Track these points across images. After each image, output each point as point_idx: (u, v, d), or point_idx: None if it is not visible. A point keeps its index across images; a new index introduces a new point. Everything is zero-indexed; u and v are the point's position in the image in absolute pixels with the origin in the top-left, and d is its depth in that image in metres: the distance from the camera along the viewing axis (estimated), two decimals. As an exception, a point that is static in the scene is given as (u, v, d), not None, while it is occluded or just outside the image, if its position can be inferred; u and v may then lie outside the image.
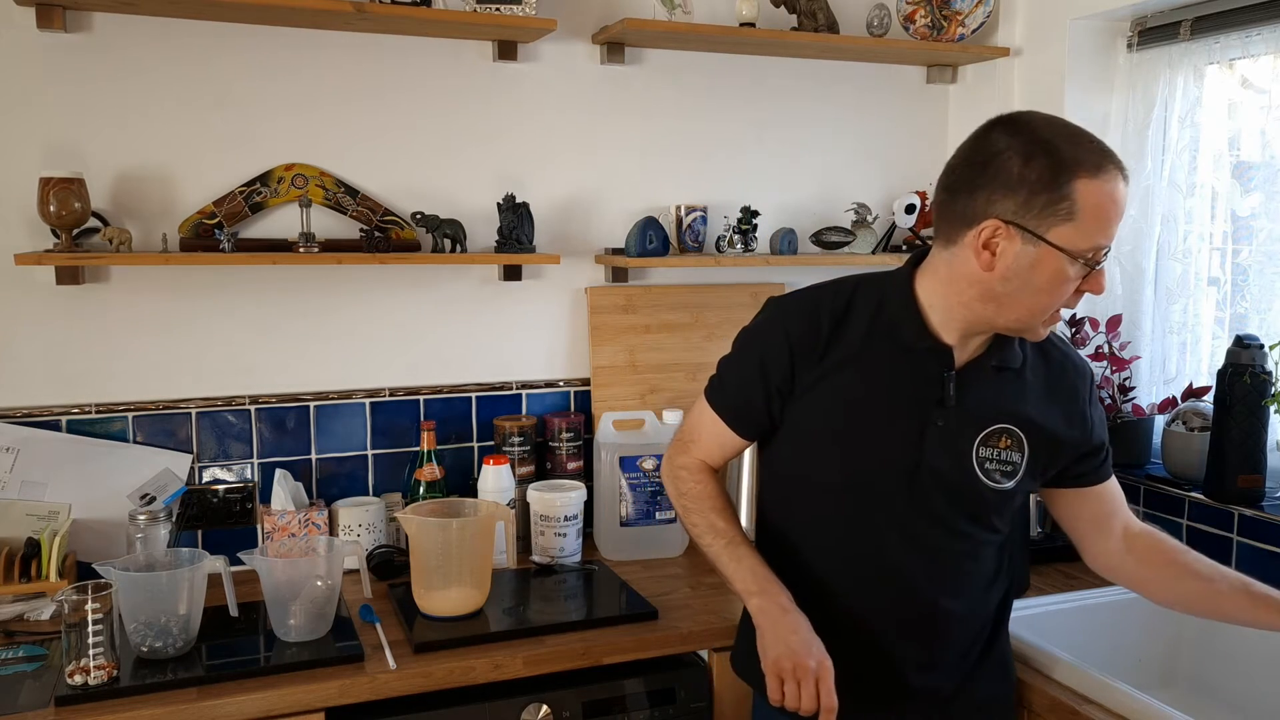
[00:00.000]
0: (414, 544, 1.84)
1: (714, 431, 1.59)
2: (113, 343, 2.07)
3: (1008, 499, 1.52)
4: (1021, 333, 1.44)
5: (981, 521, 1.52)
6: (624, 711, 1.76)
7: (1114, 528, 1.61)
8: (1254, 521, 1.97)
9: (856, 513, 1.48)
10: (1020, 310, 1.37)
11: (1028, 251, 1.31)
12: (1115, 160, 1.33)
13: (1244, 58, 2.17)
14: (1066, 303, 1.36)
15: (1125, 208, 1.34)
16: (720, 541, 1.53)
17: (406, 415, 2.28)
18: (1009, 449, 1.49)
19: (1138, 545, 1.60)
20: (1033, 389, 1.51)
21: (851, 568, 1.50)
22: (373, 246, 2.11)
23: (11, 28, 1.94)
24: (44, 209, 1.87)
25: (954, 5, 2.48)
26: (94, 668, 1.54)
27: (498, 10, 2.10)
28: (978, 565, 1.54)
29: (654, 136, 2.42)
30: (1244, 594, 1.52)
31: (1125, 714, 1.52)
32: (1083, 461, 1.56)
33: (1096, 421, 1.56)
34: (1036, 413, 1.50)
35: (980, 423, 1.47)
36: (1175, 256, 2.31)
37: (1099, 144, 1.33)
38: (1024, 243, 1.31)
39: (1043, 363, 1.53)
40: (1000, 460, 1.48)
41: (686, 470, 1.61)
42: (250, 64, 2.11)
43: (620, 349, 2.40)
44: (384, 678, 1.63)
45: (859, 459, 1.47)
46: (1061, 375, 1.54)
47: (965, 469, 1.47)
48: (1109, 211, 1.31)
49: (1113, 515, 1.61)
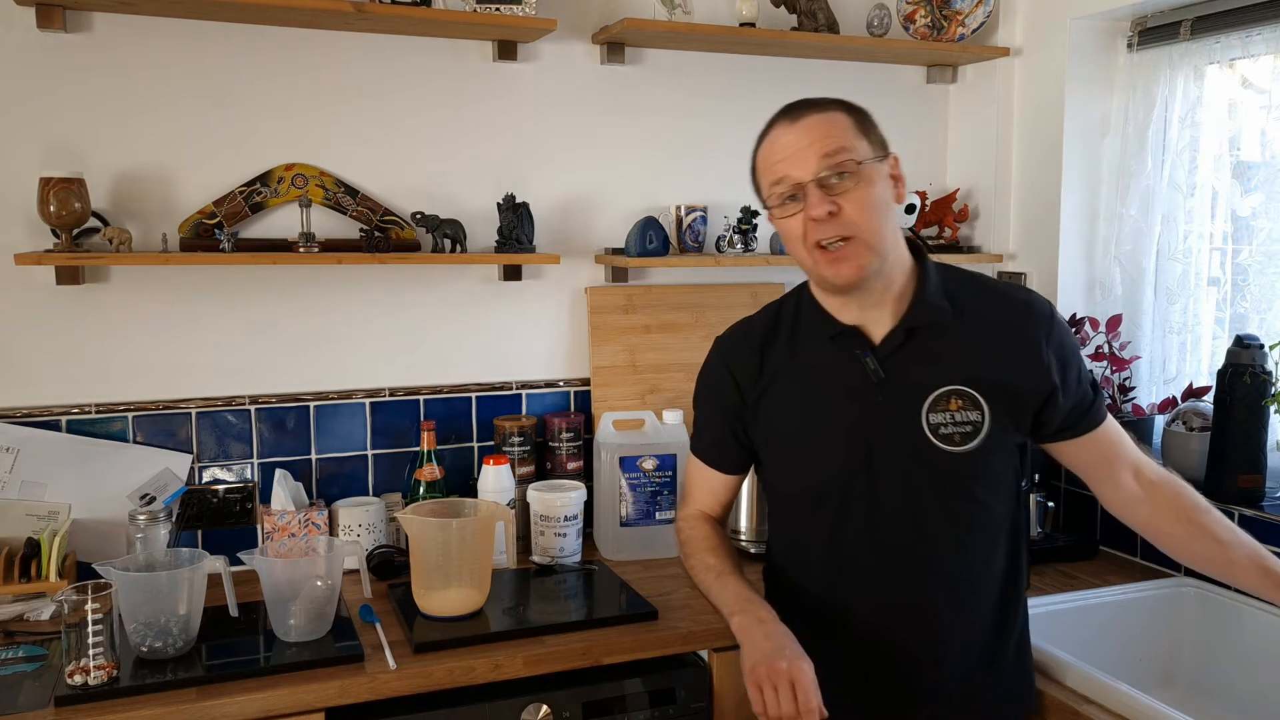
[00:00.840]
0: (414, 544, 1.84)
1: (702, 479, 1.68)
2: (113, 343, 2.07)
3: (977, 462, 1.46)
4: (821, 283, 1.49)
5: (959, 494, 1.47)
6: (624, 711, 1.76)
7: (1121, 475, 1.56)
8: (1254, 521, 1.97)
9: (830, 512, 1.51)
10: (799, 263, 1.49)
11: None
12: (786, 109, 1.47)
13: (1244, 58, 2.17)
14: (811, 233, 1.42)
15: (797, 137, 1.43)
16: (710, 575, 1.58)
17: (406, 415, 2.28)
18: (963, 409, 1.45)
19: (1155, 495, 1.55)
20: (981, 342, 1.47)
21: (840, 568, 1.52)
22: (373, 246, 2.11)
23: (11, 28, 1.94)
24: (44, 209, 1.87)
25: (954, 5, 2.48)
26: (94, 668, 1.54)
27: (498, 10, 2.10)
28: (965, 547, 1.49)
29: (654, 136, 2.42)
30: (1258, 567, 1.50)
31: (1125, 714, 1.52)
32: (1057, 410, 1.49)
33: (1057, 364, 1.48)
34: (986, 366, 1.46)
35: (922, 390, 1.45)
36: (1175, 256, 2.31)
37: (788, 104, 1.48)
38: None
39: (990, 312, 1.50)
40: (957, 423, 1.45)
41: (684, 521, 1.71)
42: (250, 64, 2.11)
43: (620, 349, 2.40)
44: (384, 678, 1.63)
45: (815, 458, 1.52)
46: (1010, 322, 1.49)
47: (919, 440, 1.45)
48: (770, 153, 1.46)
49: (1116, 461, 1.56)
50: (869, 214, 1.40)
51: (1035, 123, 2.50)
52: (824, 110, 1.45)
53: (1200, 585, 2.02)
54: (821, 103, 1.46)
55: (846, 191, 1.40)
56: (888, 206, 1.44)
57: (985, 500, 1.49)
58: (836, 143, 1.41)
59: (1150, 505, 1.55)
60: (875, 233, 1.41)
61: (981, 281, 1.56)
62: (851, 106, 1.47)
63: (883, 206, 1.43)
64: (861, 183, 1.40)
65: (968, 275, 1.56)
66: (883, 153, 1.46)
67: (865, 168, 1.41)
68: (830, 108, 1.45)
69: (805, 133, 1.42)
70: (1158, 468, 1.57)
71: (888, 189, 1.45)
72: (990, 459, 1.47)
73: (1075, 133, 2.42)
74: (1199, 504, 1.54)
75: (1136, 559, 2.23)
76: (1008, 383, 1.46)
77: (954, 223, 2.61)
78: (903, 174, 1.48)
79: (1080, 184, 2.44)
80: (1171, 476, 1.58)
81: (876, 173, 1.43)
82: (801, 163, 1.41)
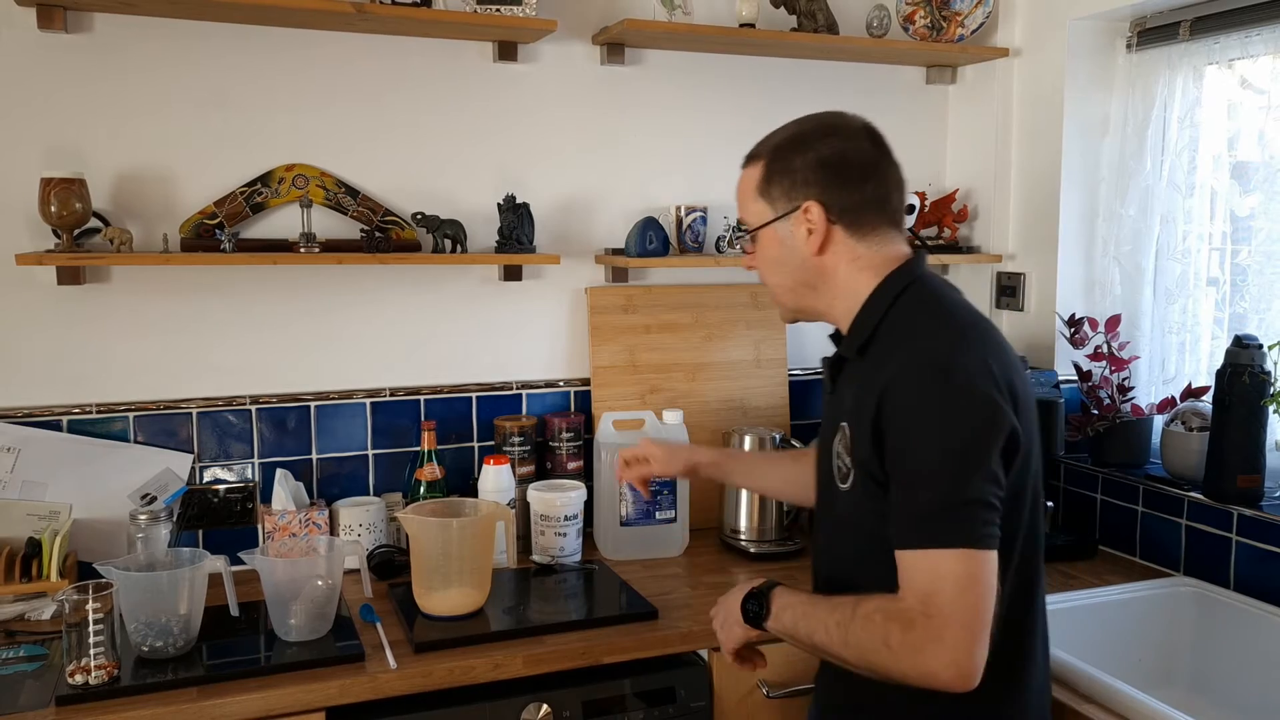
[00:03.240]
0: (414, 544, 1.84)
1: None
2: (113, 343, 2.07)
3: (853, 504, 1.35)
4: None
5: (848, 534, 1.40)
6: (624, 711, 1.76)
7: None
8: (1253, 521, 1.97)
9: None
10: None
11: None
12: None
13: (1243, 58, 2.17)
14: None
15: (737, 189, 1.51)
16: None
17: (407, 415, 2.28)
18: (845, 448, 1.37)
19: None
20: (865, 381, 1.34)
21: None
22: (373, 247, 2.11)
23: (12, 28, 1.94)
24: (45, 209, 1.87)
25: (953, 6, 2.48)
26: (95, 667, 1.54)
27: (498, 11, 2.10)
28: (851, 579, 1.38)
29: (654, 136, 2.43)
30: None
31: (1125, 714, 1.53)
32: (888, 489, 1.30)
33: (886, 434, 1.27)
34: (857, 410, 1.33)
35: (836, 417, 1.41)
36: (1175, 256, 2.32)
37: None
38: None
39: (882, 358, 1.34)
40: (842, 458, 1.38)
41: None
42: (250, 64, 2.11)
43: (620, 349, 2.41)
44: (384, 677, 1.63)
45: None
46: (877, 370, 1.32)
47: (828, 466, 1.42)
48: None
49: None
50: (768, 274, 1.49)
51: (1035, 123, 2.50)
52: (746, 165, 1.49)
53: (1200, 585, 2.02)
54: (750, 154, 1.49)
55: (754, 251, 1.49)
56: (783, 265, 1.45)
57: (857, 547, 1.38)
58: (739, 210, 1.51)
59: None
60: (776, 288, 1.49)
61: (917, 317, 1.36)
62: (776, 152, 1.44)
63: (776, 267, 1.46)
64: (759, 246, 1.47)
65: (918, 304, 1.37)
66: (788, 207, 1.41)
67: (756, 235, 1.47)
68: (751, 161, 1.49)
69: (736, 187, 1.52)
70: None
71: (791, 244, 1.42)
72: (858, 507, 1.35)
73: (1075, 133, 2.42)
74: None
75: (1136, 559, 2.24)
76: (861, 433, 1.32)
77: (953, 223, 2.61)
78: (818, 221, 1.39)
79: (1079, 184, 2.44)
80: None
81: (766, 237, 1.45)
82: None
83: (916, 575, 1.23)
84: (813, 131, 1.43)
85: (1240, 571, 1.99)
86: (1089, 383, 2.35)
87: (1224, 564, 2.02)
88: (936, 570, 1.21)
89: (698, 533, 2.32)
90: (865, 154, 1.42)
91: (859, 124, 1.44)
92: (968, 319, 1.36)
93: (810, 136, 1.43)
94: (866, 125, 1.45)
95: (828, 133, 1.43)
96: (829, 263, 1.41)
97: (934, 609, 1.20)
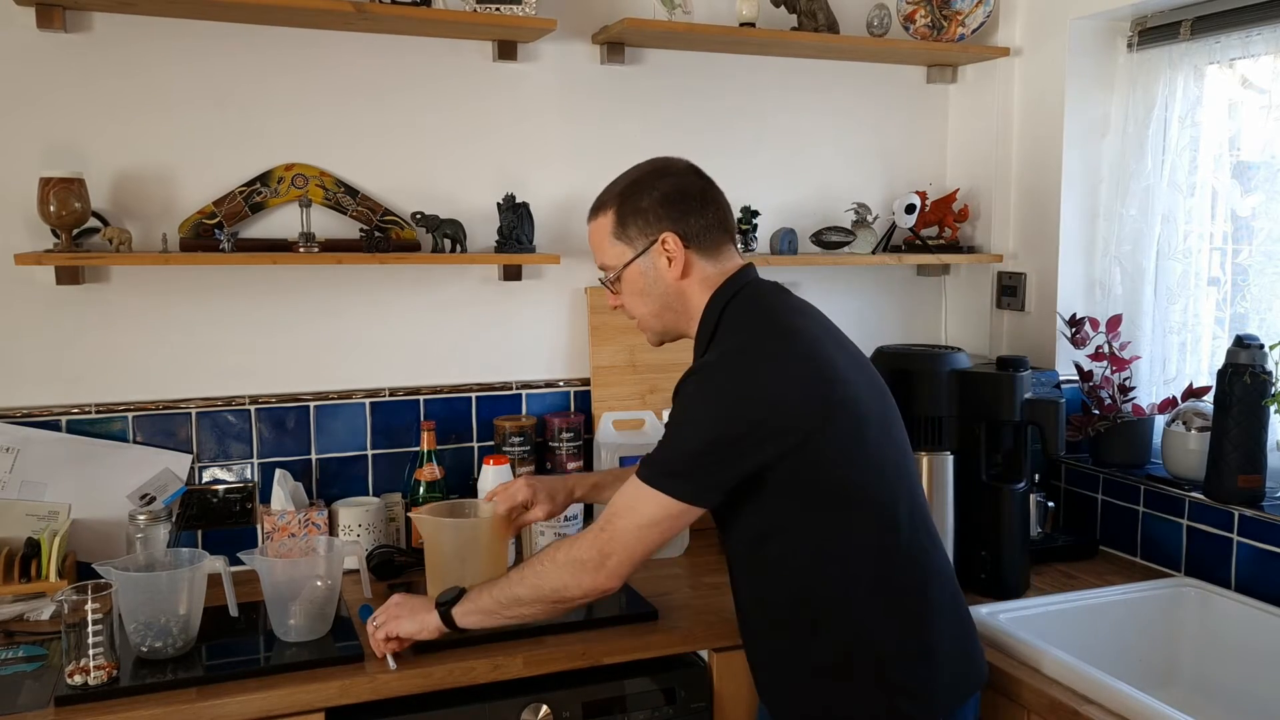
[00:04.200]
0: (429, 545, 1.84)
1: None
2: (113, 343, 2.07)
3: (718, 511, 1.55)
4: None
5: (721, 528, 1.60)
6: (624, 711, 1.76)
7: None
8: (1254, 521, 1.97)
9: None
10: None
11: None
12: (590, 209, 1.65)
13: (1244, 58, 2.17)
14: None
15: (590, 241, 1.66)
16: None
17: (406, 415, 2.28)
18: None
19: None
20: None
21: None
22: (373, 246, 2.11)
23: (11, 28, 1.94)
24: (44, 209, 1.87)
25: (954, 5, 2.48)
26: (94, 668, 1.54)
27: (498, 10, 2.10)
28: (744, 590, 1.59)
29: (654, 136, 2.42)
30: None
31: (1125, 714, 1.52)
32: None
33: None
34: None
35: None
36: (1175, 256, 2.31)
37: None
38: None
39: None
40: None
41: None
42: (250, 64, 2.11)
43: (620, 349, 2.40)
44: (384, 678, 1.63)
45: None
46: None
47: None
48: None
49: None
50: (637, 307, 1.63)
51: (1035, 122, 2.50)
52: (594, 217, 1.63)
53: (1200, 585, 2.02)
54: (597, 205, 1.63)
55: (619, 293, 1.64)
56: (652, 293, 1.60)
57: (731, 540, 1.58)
58: (599, 257, 1.64)
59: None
60: (646, 319, 1.64)
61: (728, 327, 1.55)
62: (623, 197, 1.60)
63: (646, 297, 1.61)
64: (625, 286, 1.62)
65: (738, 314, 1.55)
66: (646, 242, 1.58)
67: (623, 275, 1.61)
68: (598, 212, 1.62)
69: (589, 239, 1.66)
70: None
71: (654, 277, 1.59)
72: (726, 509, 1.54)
73: (1075, 132, 2.42)
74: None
75: (1136, 559, 2.23)
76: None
77: (954, 223, 2.61)
78: (677, 248, 1.56)
79: (1080, 184, 2.44)
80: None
81: (634, 272, 1.60)
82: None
83: (619, 495, 1.52)
84: (648, 175, 1.61)
85: (1241, 572, 1.99)
86: (1090, 383, 2.35)
87: (1225, 564, 2.02)
88: (630, 494, 1.50)
89: (698, 533, 2.32)
90: (696, 185, 1.61)
91: (684, 163, 1.64)
92: (782, 320, 1.53)
93: (646, 179, 1.60)
94: (689, 163, 1.65)
95: (661, 174, 1.61)
96: (686, 286, 1.59)
97: (609, 525, 1.51)
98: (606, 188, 1.64)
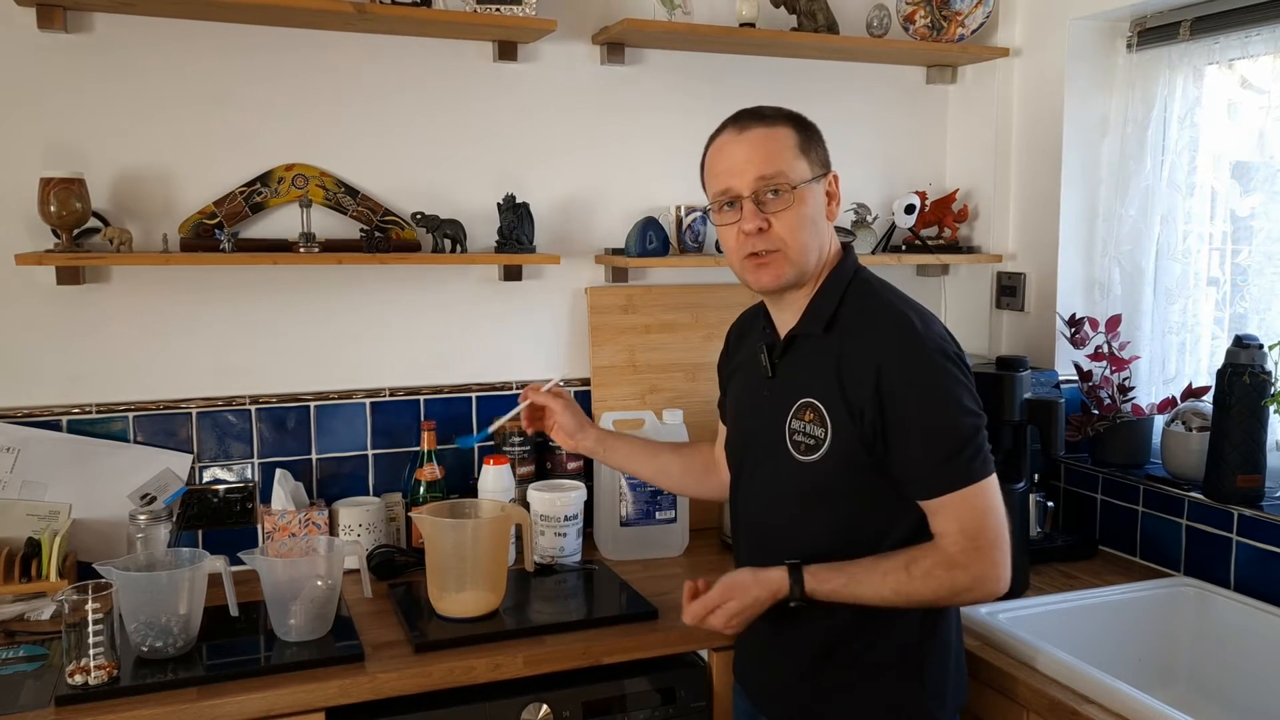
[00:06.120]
0: (429, 545, 1.84)
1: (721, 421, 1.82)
2: (113, 343, 2.07)
3: (820, 475, 1.46)
4: (745, 285, 1.56)
5: (804, 498, 1.49)
6: (624, 711, 1.76)
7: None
8: (1253, 521, 1.97)
9: (733, 477, 1.66)
10: (729, 264, 1.56)
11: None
12: (737, 118, 1.52)
13: (1243, 58, 2.17)
14: (743, 244, 1.49)
15: (740, 151, 1.49)
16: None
17: (406, 415, 2.28)
18: (812, 423, 1.47)
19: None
20: (839, 361, 1.45)
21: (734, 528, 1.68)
22: (373, 246, 2.11)
23: (11, 28, 1.94)
24: (44, 209, 1.87)
25: (954, 5, 2.48)
26: (94, 667, 1.54)
27: (498, 10, 2.10)
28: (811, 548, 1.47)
29: (654, 136, 2.42)
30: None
31: (1125, 714, 1.52)
32: (888, 453, 1.42)
33: (888, 402, 1.40)
34: (834, 385, 1.45)
35: (791, 396, 1.51)
36: (1175, 256, 2.32)
37: (740, 111, 1.53)
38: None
39: (855, 331, 1.47)
40: (806, 434, 1.48)
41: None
42: (250, 64, 2.11)
43: (620, 349, 2.40)
44: (384, 678, 1.63)
45: (730, 429, 1.69)
46: (859, 348, 1.45)
47: (779, 441, 1.51)
48: (716, 162, 1.52)
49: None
50: (796, 232, 1.48)
51: (1035, 123, 2.50)
52: (771, 125, 1.49)
53: (1199, 585, 2.02)
54: (769, 116, 1.51)
55: (779, 210, 1.47)
56: (816, 223, 1.50)
57: (837, 510, 1.48)
58: (774, 165, 1.47)
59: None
60: (800, 249, 1.48)
61: (880, 300, 1.50)
62: (799, 121, 1.52)
63: (811, 224, 1.49)
64: (795, 203, 1.47)
65: (873, 290, 1.51)
66: (822, 171, 1.51)
67: (799, 190, 1.47)
68: (777, 122, 1.50)
69: (750, 148, 1.48)
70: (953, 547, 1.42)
71: (820, 207, 1.51)
72: (837, 475, 1.45)
73: (1075, 133, 2.42)
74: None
75: (1136, 559, 2.23)
76: (844, 410, 1.43)
77: (953, 223, 2.61)
78: (839, 191, 1.54)
79: (1079, 184, 2.44)
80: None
81: (810, 193, 1.49)
82: (741, 176, 1.48)
83: (956, 517, 1.40)
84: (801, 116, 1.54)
85: (1240, 571, 1.99)
86: (1089, 383, 2.35)
87: (1224, 564, 2.02)
88: (971, 508, 1.40)
89: (698, 533, 2.32)
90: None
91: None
92: (911, 299, 1.52)
93: (804, 118, 1.53)
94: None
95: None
96: (827, 235, 1.53)
97: (982, 541, 1.40)
98: (756, 107, 1.52)
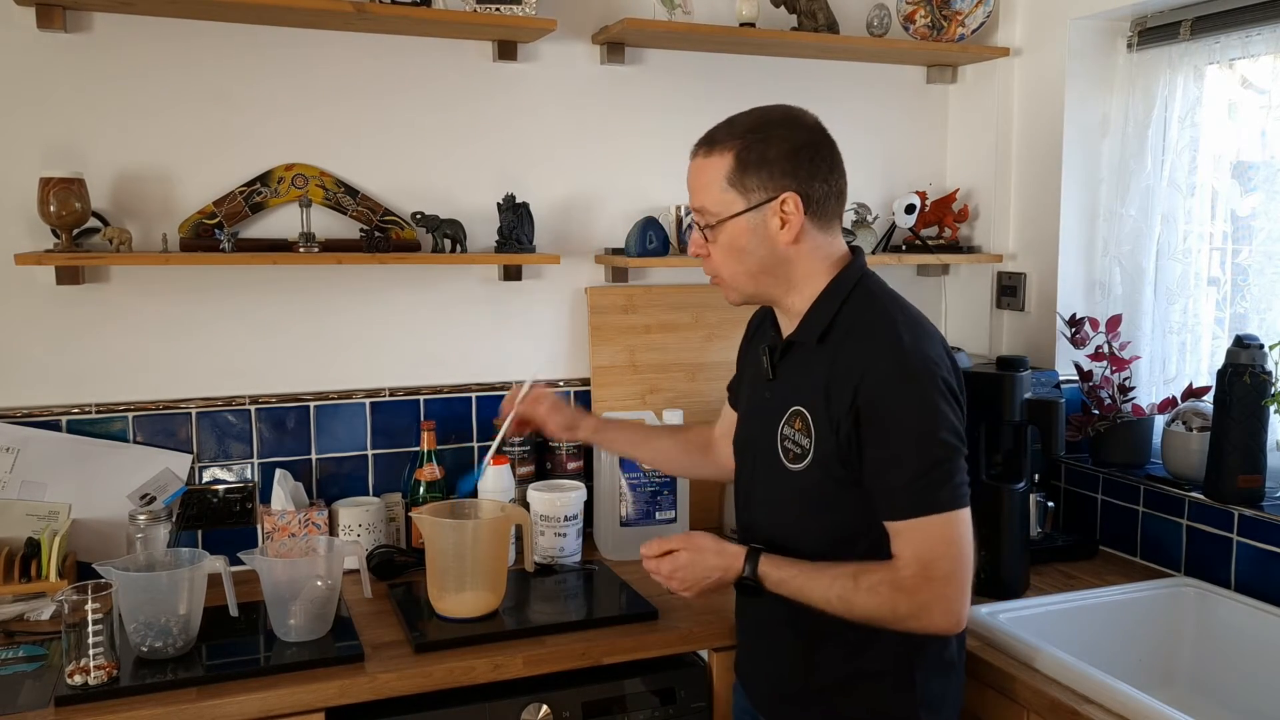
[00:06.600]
0: (429, 545, 1.84)
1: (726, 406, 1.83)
2: (113, 343, 2.07)
3: (803, 483, 1.44)
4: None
5: (790, 504, 1.48)
6: (624, 711, 1.76)
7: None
8: (1254, 521, 1.97)
9: (738, 480, 1.66)
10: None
11: None
12: (700, 139, 1.48)
13: (1244, 58, 2.17)
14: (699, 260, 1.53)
15: (687, 177, 1.49)
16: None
17: (406, 415, 2.28)
18: (800, 431, 1.46)
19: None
20: (827, 373, 1.42)
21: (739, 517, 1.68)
22: (373, 246, 2.11)
23: (11, 28, 1.94)
24: (44, 209, 1.87)
25: (954, 5, 2.48)
26: (94, 668, 1.54)
27: (498, 10, 2.10)
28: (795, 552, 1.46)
29: (654, 136, 2.42)
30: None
31: (1125, 714, 1.52)
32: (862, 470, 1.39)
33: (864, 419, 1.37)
34: (819, 397, 1.42)
35: (785, 401, 1.50)
36: (1175, 256, 2.31)
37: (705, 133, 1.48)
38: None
39: (846, 345, 1.43)
40: (794, 442, 1.47)
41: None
42: (250, 64, 2.11)
43: (620, 349, 2.40)
44: (384, 678, 1.63)
45: (737, 434, 1.68)
46: (847, 360, 1.41)
47: (772, 444, 1.51)
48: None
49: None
50: (725, 263, 1.48)
51: (1035, 123, 2.50)
52: (709, 154, 1.45)
53: (1200, 585, 2.02)
54: (719, 140, 1.44)
55: (714, 241, 1.47)
56: (749, 253, 1.45)
57: (825, 519, 1.46)
58: (699, 199, 1.47)
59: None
60: (732, 278, 1.49)
61: (875, 312, 1.45)
62: (749, 145, 1.42)
63: (738, 256, 1.46)
64: (722, 236, 1.45)
65: (872, 300, 1.46)
66: (764, 198, 1.42)
67: (723, 224, 1.44)
68: (721, 148, 1.43)
69: (690, 176, 1.49)
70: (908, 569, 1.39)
71: (755, 236, 1.44)
72: (817, 486, 1.44)
73: (1075, 133, 2.42)
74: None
75: (1137, 559, 2.23)
76: (829, 416, 1.41)
77: (954, 223, 2.61)
78: (798, 211, 1.43)
79: (1080, 184, 2.44)
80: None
81: (735, 226, 1.44)
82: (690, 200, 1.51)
83: (912, 542, 1.36)
84: (779, 122, 1.44)
85: (1241, 572, 1.99)
86: (1090, 383, 2.35)
87: (1225, 564, 2.02)
88: (930, 536, 1.35)
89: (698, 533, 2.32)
90: (827, 145, 1.46)
91: (813, 117, 1.48)
92: (913, 313, 1.47)
93: (777, 126, 1.44)
94: (817, 119, 1.48)
95: (792, 124, 1.45)
96: (794, 254, 1.46)
97: (935, 572, 1.35)
98: (724, 123, 1.46)
